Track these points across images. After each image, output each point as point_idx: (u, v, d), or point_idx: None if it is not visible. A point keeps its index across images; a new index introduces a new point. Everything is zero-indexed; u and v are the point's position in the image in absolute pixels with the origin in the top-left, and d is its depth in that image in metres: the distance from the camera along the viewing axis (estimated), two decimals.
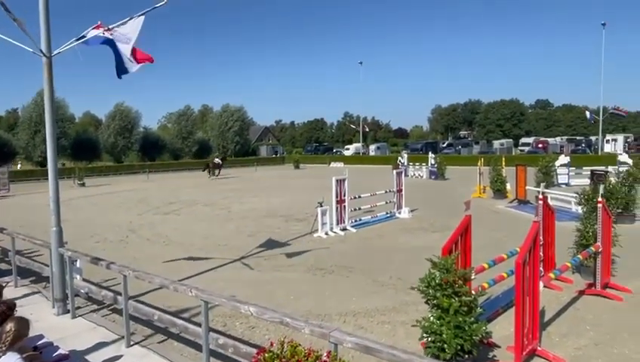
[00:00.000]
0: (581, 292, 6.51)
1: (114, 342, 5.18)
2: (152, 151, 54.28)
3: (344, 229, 11.81)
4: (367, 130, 78.94)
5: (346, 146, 72.05)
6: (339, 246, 10.27)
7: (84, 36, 6.13)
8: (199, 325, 4.34)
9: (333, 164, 48.23)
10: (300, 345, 2.94)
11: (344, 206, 11.91)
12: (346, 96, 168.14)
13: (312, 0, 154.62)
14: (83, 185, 28.88)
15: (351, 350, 3.08)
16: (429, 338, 4.14)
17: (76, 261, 6.22)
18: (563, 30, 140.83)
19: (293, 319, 3.42)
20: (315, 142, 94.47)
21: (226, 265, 8.88)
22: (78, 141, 47.53)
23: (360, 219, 12.86)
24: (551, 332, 5.27)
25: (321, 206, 11.36)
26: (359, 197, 13.17)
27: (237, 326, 5.74)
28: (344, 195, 11.90)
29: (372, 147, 66.84)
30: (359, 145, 66.31)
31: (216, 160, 35.70)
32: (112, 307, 6.31)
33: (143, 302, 5.85)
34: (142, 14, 6.06)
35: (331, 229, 11.58)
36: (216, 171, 33.67)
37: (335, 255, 9.44)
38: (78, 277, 6.38)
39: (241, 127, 64.94)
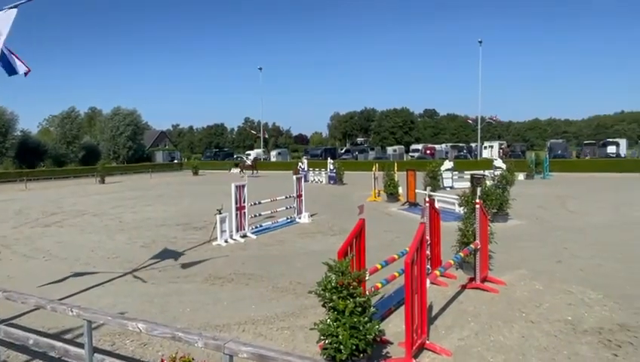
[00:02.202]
0: (463, 287, 7.09)
1: None
2: (32, 158, 49.12)
3: (244, 236, 11.65)
4: (267, 136, 78.99)
5: (247, 152, 71.32)
6: (239, 254, 10.10)
7: None
8: (82, 346, 3.98)
9: (233, 170, 47.45)
10: (193, 359, 2.82)
11: (244, 212, 11.76)
12: (246, 101, 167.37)
13: (211, 2, 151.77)
14: None
15: (248, 360, 3.03)
16: (326, 341, 4.22)
17: None
18: (446, 44, 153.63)
19: (185, 333, 3.28)
20: (215, 147, 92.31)
21: (115, 279, 8.28)
22: None
23: (260, 226, 12.79)
24: (438, 326, 5.66)
25: (220, 213, 11.10)
26: (259, 203, 13.10)
27: (127, 345, 5.37)
28: (244, 201, 11.75)
29: (273, 153, 66.93)
30: (260, 150, 66.06)
31: (248, 162, 37.47)
32: None
33: (16, 326, 5.24)
34: (13, 7, 5.47)
35: (231, 237, 11.35)
36: (253, 171, 35.80)
37: (235, 263, 9.27)
38: None
39: (135, 132, 61.22)
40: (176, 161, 61.93)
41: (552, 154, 41.68)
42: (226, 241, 11.14)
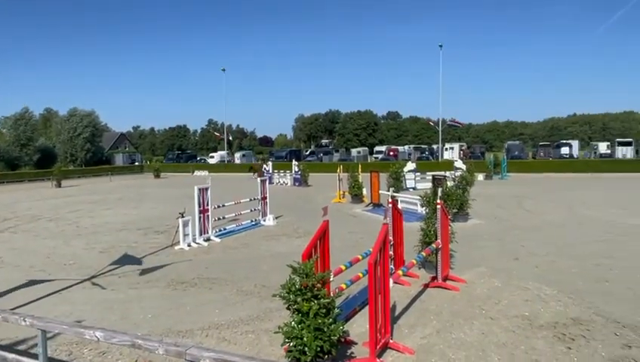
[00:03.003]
0: (426, 286, 7.22)
1: None
2: None
3: (208, 240, 11.47)
4: (231, 138, 78.22)
5: (211, 154, 70.50)
6: (202, 258, 9.94)
7: None
8: (37, 357, 3.82)
9: (197, 173, 46.70)
10: None
11: (207, 215, 11.59)
12: (210, 103, 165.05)
13: (174, 2, 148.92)
14: None
15: None
16: (291, 343, 4.21)
17: None
18: (408, 48, 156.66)
19: (145, 340, 3.20)
20: (177, 149, 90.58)
21: (73, 286, 7.98)
22: None
23: (224, 229, 12.63)
24: (401, 325, 5.74)
25: (183, 216, 10.89)
26: (223, 205, 12.94)
27: (85, 354, 5.18)
28: (207, 204, 11.58)
29: (237, 155, 66.29)
30: (224, 153, 65.32)
31: (266, 166, 35.62)
32: None
33: None
34: None
35: (194, 240, 11.16)
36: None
37: (198, 267, 9.12)
38: None
39: (93, 133, 59.27)
40: (137, 164, 60.29)
41: (510, 156, 43.06)
42: (189, 245, 10.94)
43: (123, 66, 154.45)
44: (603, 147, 54.36)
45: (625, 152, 48.31)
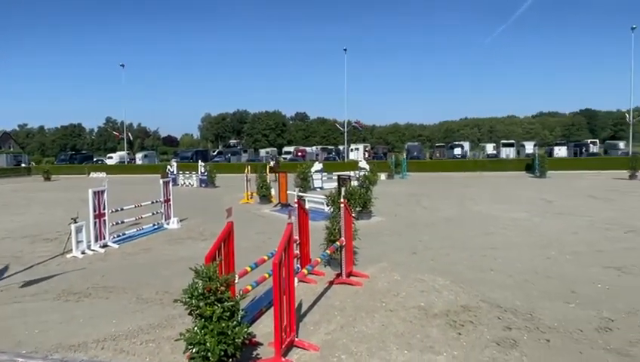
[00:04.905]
0: (331, 283, 7.42)
1: None
2: None
3: (104, 246, 10.74)
4: (132, 137, 74.07)
5: (109, 155, 66.11)
6: (98, 266, 9.29)
7: None
8: None
9: (93, 175, 43.54)
10: None
11: (104, 220, 10.84)
12: (108, 100, 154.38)
13: None
14: None
15: None
16: (194, 349, 4.09)
17: None
18: (314, 50, 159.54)
19: (27, 358, 2.93)
20: (71, 150, 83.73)
21: None
22: None
23: (123, 234, 11.90)
24: (307, 323, 5.84)
25: (76, 221, 10.09)
26: (122, 209, 12.20)
27: None
28: (104, 208, 10.84)
29: (139, 155, 62.78)
30: (124, 153, 61.57)
31: (272, 163, 32.51)
32: None
33: None
34: None
35: (89, 247, 10.39)
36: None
37: (93, 275, 8.50)
38: None
39: None
40: (23, 165, 54.65)
41: (409, 156, 45.60)
42: (83, 253, 10.16)
43: (6, 59, 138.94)
44: (490, 148, 59.78)
45: (508, 153, 53.60)
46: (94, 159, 64.13)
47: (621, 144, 52.98)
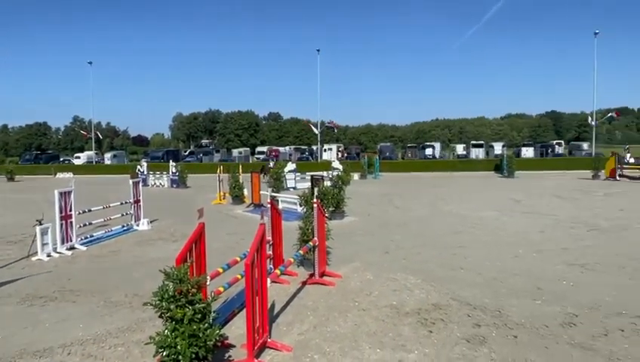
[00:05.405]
0: (304, 283, 7.41)
1: None
2: None
3: (72, 248, 10.45)
4: (100, 136, 72.36)
5: (77, 155, 64.31)
6: (65, 269, 9.03)
7: None
8: None
9: (60, 175, 42.22)
10: None
11: (71, 222, 10.55)
12: (75, 98, 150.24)
13: None
14: None
15: None
16: (164, 353, 4.02)
17: None
18: (287, 51, 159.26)
19: None
20: (36, 149, 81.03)
21: None
22: None
23: (91, 236, 11.60)
24: (280, 323, 5.83)
25: (41, 223, 9.79)
26: (90, 210, 11.89)
27: None
28: (71, 210, 10.54)
29: (107, 155, 61.31)
30: (92, 153, 60.04)
31: (271, 164, 31.51)
32: None
33: None
34: None
35: (55, 250, 10.08)
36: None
37: (60, 279, 8.26)
38: None
39: None
40: None
41: (382, 156, 46.05)
42: (48, 255, 9.86)
43: None
44: (460, 149, 60.99)
45: (478, 153, 54.76)
46: (61, 159, 62.27)
47: (585, 145, 54.89)
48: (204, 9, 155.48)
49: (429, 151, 55.49)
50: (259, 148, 69.27)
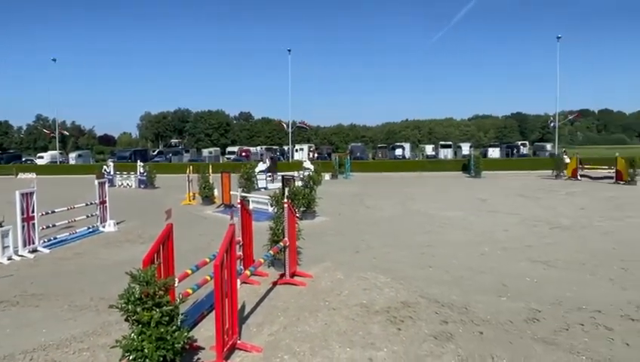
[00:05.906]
0: (275, 283, 7.40)
1: None
2: None
3: (34, 251, 10.12)
4: (66, 135, 70.21)
5: (40, 154, 62.12)
6: (27, 272, 8.73)
7: None
8: None
9: (22, 175, 40.70)
10: None
11: (33, 224, 10.21)
12: (38, 96, 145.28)
13: None
14: None
15: None
16: (130, 357, 3.95)
17: None
18: (258, 50, 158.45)
19: None
20: None
21: None
22: None
23: (55, 238, 11.26)
24: (250, 324, 5.80)
25: (2, 226, 9.45)
26: (53, 212, 11.54)
27: None
28: (33, 211, 10.20)
29: (72, 155, 59.50)
30: (56, 152, 58.15)
31: (268, 162, 29.57)
32: None
33: None
34: None
35: (16, 253, 9.74)
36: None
37: (21, 282, 7.98)
38: None
39: None
40: None
41: (353, 157, 46.29)
42: (9, 259, 9.52)
43: None
44: (429, 149, 61.99)
45: (446, 154, 55.81)
46: (23, 159, 60.08)
47: (548, 146, 56.67)
48: (173, 8, 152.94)
49: (399, 152, 56.12)
50: (229, 148, 68.59)
